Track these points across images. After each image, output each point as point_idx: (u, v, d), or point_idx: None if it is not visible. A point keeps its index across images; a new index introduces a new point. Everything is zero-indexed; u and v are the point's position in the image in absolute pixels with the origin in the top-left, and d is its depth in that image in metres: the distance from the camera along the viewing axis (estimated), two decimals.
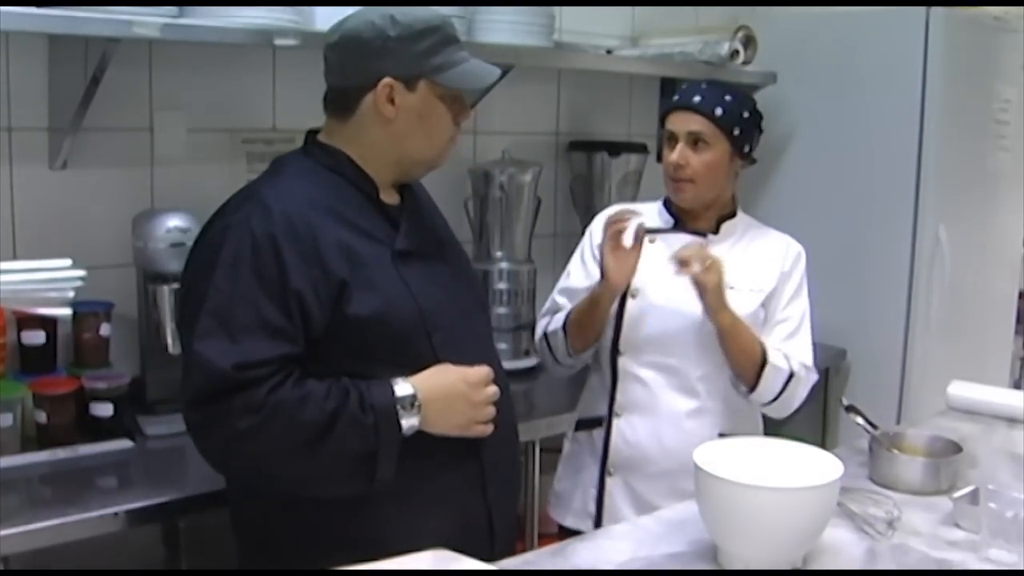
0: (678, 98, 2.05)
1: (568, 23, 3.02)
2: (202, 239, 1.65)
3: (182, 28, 2.03)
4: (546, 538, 2.25)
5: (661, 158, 2.09)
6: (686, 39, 3.14)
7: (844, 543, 1.62)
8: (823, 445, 1.91)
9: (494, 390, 1.66)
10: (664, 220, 2.12)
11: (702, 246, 1.98)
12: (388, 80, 1.62)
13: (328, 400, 1.52)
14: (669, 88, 3.37)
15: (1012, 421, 2.31)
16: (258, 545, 1.70)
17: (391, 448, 1.55)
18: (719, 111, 2.00)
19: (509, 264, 2.81)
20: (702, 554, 1.57)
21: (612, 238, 1.95)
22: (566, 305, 2.14)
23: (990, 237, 3.42)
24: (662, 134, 2.09)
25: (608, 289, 1.99)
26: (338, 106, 1.68)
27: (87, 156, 2.23)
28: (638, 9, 3.31)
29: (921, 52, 3.05)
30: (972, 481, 1.84)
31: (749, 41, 3.13)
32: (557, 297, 2.18)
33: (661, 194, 2.15)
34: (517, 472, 1.88)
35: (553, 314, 2.17)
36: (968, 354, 3.29)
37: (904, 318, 3.14)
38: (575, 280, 2.16)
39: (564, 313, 2.12)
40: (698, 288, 1.93)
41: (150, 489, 1.90)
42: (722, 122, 2.00)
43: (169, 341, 2.15)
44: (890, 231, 3.14)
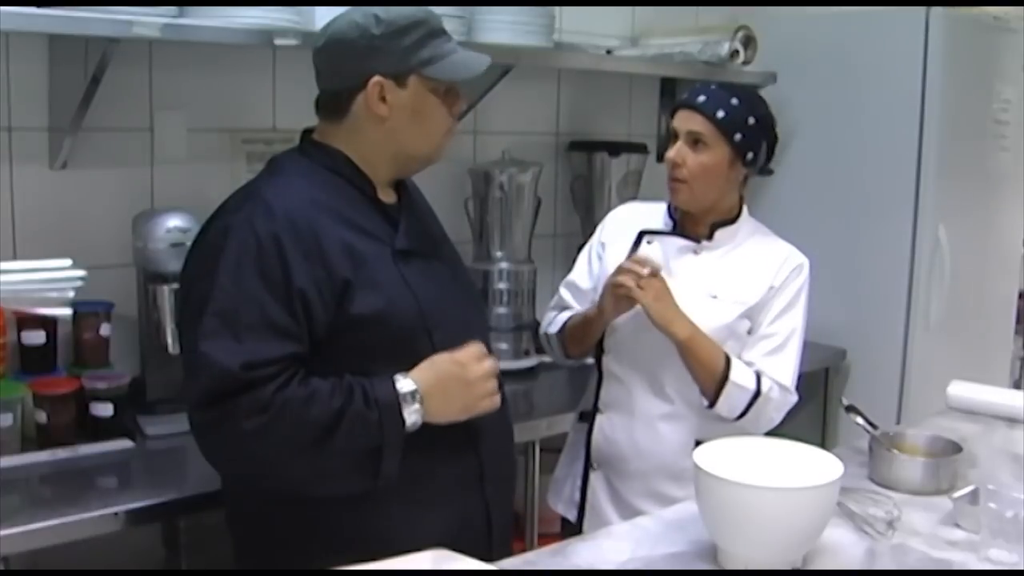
0: (686, 96, 2.02)
1: (568, 23, 3.01)
2: (202, 239, 1.64)
3: (182, 28, 2.03)
4: (546, 538, 2.26)
5: (661, 158, 2.09)
6: (686, 39, 3.13)
7: (844, 543, 1.62)
8: (823, 445, 1.90)
9: (490, 363, 1.66)
10: (665, 222, 2.11)
11: (644, 261, 1.94)
12: (378, 79, 1.62)
13: (334, 398, 1.52)
14: (669, 88, 3.38)
15: (1012, 421, 2.30)
16: (254, 543, 1.70)
17: (396, 443, 1.55)
18: (721, 113, 1.96)
19: (509, 264, 2.81)
20: (702, 554, 1.57)
21: (619, 285, 1.93)
22: (569, 300, 2.18)
23: (990, 237, 3.42)
24: (668, 133, 2.07)
25: (601, 320, 2.01)
26: (331, 109, 1.68)
27: (87, 156, 2.22)
28: (638, 9, 3.31)
29: (921, 52, 3.05)
30: (972, 481, 1.84)
31: (749, 41, 3.13)
32: (562, 291, 2.21)
33: (661, 194, 2.14)
34: (514, 469, 1.88)
35: (558, 310, 2.19)
36: (968, 354, 3.29)
37: (904, 318, 3.14)
38: (578, 277, 2.18)
39: (563, 318, 2.15)
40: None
41: (150, 489, 1.89)
42: (723, 125, 1.95)
43: (169, 341, 2.15)
44: (890, 231, 3.14)
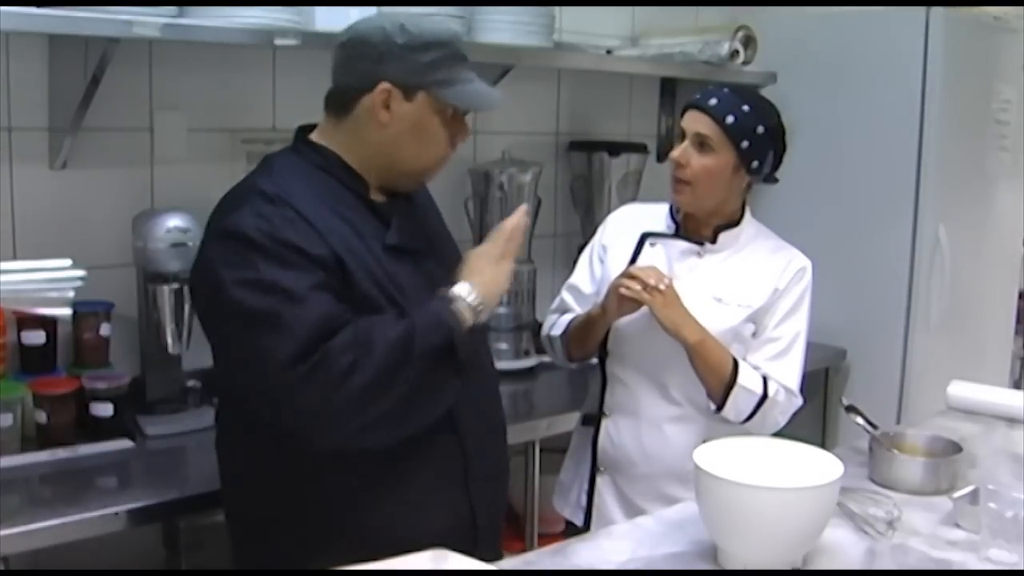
0: (698, 97, 2.00)
1: (568, 23, 3.01)
2: (215, 240, 1.61)
3: (182, 28, 2.03)
4: (546, 538, 2.26)
5: (661, 158, 2.08)
6: (686, 39, 3.13)
7: (844, 543, 1.62)
8: (823, 445, 1.90)
9: (504, 232, 1.74)
10: (668, 225, 2.10)
11: (658, 276, 1.93)
12: (386, 85, 1.63)
13: (395, 320, 1.59)
14: (669, 88, 3.38)
15: (1012, 421, 2.30)
16: (254, 543, 1.71)
17: (463, 334, 1.61)
18: (730, 119, 1.93)
19: None
20: (702, 554, 1.57)
21: (624, 289, 1.92)
22: (571, 303, 2.17)
23: (990, 237, 3.43)
24: (674, 132, 2.05)
25: (604, 320, 2.01)
26: (337, 104, 1.69)
27: (87, 156, 2.22)
28: (638, 9, 3.31)
29: (921, 52, 3.06)
30: (972, 481, 1.84)
31: (749, 41, 3.13)
32: (564, 293, 2.20)
33: (661, 195, 2.14)
34: (503, 469, 1.86)
35: (560, 314, 2.18)
36: (968, 354, 3.30)
37: (904, 318, 3.14)
38: (580, 281, 2.18)
39: (565, 321, 2.14)
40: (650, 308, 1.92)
41: (150, 489, 1.90)
42: (731, 130, 1.93)
43: (169, 341, 2.15)
44: (890, 231, 3.15)
